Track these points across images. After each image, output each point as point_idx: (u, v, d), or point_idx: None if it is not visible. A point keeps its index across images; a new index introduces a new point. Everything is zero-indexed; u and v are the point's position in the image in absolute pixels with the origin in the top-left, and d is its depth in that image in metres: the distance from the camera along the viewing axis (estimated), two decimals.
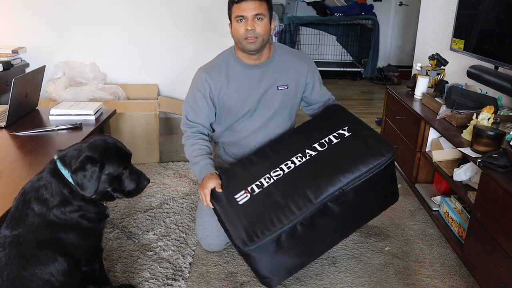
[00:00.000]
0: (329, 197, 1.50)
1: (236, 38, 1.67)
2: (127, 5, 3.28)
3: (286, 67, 1.77)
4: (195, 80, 1.80)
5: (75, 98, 2.92)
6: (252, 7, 1.61)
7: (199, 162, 1.74)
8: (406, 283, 1.84)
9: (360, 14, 5.65)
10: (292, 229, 1.49)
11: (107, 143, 1.38)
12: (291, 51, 1.84)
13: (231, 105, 1.77)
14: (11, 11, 3.19)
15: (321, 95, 1.94)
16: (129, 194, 1.43)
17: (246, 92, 1.75)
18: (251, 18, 1.61)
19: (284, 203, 1.51)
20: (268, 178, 1.61)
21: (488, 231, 1.56)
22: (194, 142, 1.79)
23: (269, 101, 1.77)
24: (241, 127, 1.83)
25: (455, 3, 2.47)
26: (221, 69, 1.75)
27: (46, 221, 1.29)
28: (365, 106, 4.66)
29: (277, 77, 1.76)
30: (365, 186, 1.55)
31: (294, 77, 1.79)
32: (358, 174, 1.52)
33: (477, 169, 1.73)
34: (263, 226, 1.49)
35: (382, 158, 1.54)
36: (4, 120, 1.97)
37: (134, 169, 1.44)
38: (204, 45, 3.40)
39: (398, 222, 2.31)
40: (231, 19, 1.68)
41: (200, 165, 1.73)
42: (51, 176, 1.32)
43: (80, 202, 1.34)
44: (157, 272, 1.87)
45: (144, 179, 1.45)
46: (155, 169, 2.86)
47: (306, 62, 1.83)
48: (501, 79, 2.01)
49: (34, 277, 1.24)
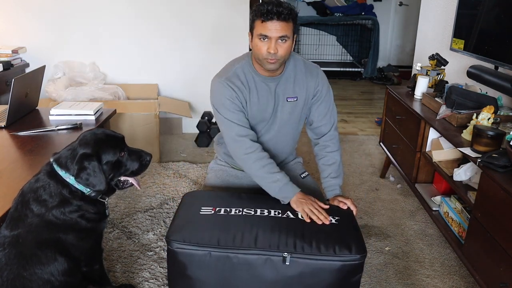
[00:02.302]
0: (273, 253, 1.37)
1: (256, 54, 1.59)
2: (127, 5, 3.28)
3: (297, 80, 1.71)
4: (219, 90, 1.66)
5: (75, 98, 2.92)
6: (279, 28, 1.52)
7: (278, 179, 1.61)
8: (406, 283, 1.84)
9: (360, 14, 5.66)
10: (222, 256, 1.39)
11: (96, 134, 1.39)
12: (304, 63, 1.75)
13: (250, 116, 1.71)
14: (11, 11, 3.20)
15: (322, 118, 1.78)
16: (136, 173, 1.46)
17: (264, 104, 1.70)
18: (274, 40, 1.52)
19: (234, 231, 1.43)
20: (239, 211, 1.54)
21: (488, 231, 1.56)
22: (260, 156, 1.64)
23: (279, 112, 1.73)
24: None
25: (455, 3, 2.47)
26: (241, 79, 1.66)
27: (45, 221, 1.29)
28: (365, 106, 4.66)
29: (288, 88, 1.71)
30: (311, 271, 1.39)
31: (304, 89, 1.72)
32: (314, 252, 1.37)
33: (477, 169, 1.73)
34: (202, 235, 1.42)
35: (348, 253, 1.37)
36: (4, 120, 1.97)
37: (132, 149, 1.46)
38: (204, 45, 3.40)
39: (398, 222, 2.31)
40: (252, 32, 1.58)
41: (283, 182, 1.61)
42: (49, 177, 1.33)
43: (79, 202, 1.34)
44: (157, 272, 1.87)
45: (146, 155, 1.47)
46: (155, 169, 2.86)
47: (317, 77, 1.74)
48: (501, 79, 2.01)
49: (34, 277, 1.24)
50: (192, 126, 3.53)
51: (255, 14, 1.55)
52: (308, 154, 3.17)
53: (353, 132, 3.78)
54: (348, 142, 3.48)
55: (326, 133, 1.80)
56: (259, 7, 1.55)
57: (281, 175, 1.62)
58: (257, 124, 1.75)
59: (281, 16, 1.51)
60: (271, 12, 1.51)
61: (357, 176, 2.87)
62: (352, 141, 3.51)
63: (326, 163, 1.79)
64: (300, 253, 1.37)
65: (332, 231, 1.47)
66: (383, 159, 2.95)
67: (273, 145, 1.80)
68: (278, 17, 1.51)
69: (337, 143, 1.82)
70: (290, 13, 1.54)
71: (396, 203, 2.52)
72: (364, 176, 2.88)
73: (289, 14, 1.53)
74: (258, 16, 1.54)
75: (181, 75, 3.48)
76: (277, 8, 1.51)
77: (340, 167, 1.80)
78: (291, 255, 1.36)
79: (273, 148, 1.81)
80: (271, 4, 1.53)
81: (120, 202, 2.43)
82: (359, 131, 3.80)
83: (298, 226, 1.47)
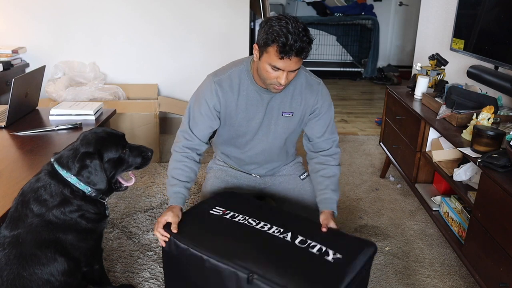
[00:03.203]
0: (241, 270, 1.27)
1: (262, 76, 1.51)
2: (127, 5, 3.28)
3: (295, 94, 1.64)
4: (204, 88, 1.66)
5: (75, 98, 2.92)
6: (293, 66, 1.43)
7: (173, 185, 1.61)
8: (406, 283, 1.84)
9: (360, 14, 5.66)
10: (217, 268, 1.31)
11: (97, 133, 1.41)
12: (306, 78, 1.66)
13: (236, 122, 1.68)
14: (11, 11, 3.20)
15: (321, 135, 1.71)
16: (139, 168, 1.50)
17: (252, 113, 1.65)
18: (287, 72, 1.45)
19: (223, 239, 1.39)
20: (244, 218, 1.50)
21: (488, 231, 1.56)
22: (181, 159, 1.64)
23: (273, 126, 1.68)
24: (241, 144, 1.76)
25: (455, 3, 2.47)
26: (233, 84, 1.62)
27: (45, 221, 1.29)
28: (365, 106, 4.66)
29: (285, 102, 1.65)
30: None
31: (301, 105, 1.66)
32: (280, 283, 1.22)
33: (477, 169, 1.73)
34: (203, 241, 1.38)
35: None
36: (4, 120, 1.97)
37: (134, 146, 1.48)
38: (204, 45, 3.40)
39: (398, 222, 2.31)
40: (262, 50, 1.45)
41: (172, 190, 1.60)
42: (50, 177, 1.33)
43: (80, 201, 1.34)
44: (157, 272, 1.87)
45: (147, 150, 1.50)
46: (155, 169, 2.86)
47: (317, 94, 1.66)
48: (501, 79, 2.01)
49: (33, 277, 1.25)
50: None
51: (273, 40, 1.39)
52: None
53: (353, 132, 3.78)
54: (348, 142, 3.48)
55: (327, 149, 1.72)
56: (279, 35, 1.38)
57: (176, 183, 1.61)
58: (240, 129, 1.70)
59: (302, 54, 1.41)
60: (293, 49, 1.38)
61: (357, 176, 2.87)
62: (352, 141, 3.51)
63: (325, 175, 1.68)
64: (266, 279, 1.23)
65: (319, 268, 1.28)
66: (383, 159, 2.95)
67: (268, 155, 1.78)
68: (299, 54, 1.40)
69: (338, 159, 1.73)
70: (309, 47, 1.42)
71: (396, 203, 2.52)
72: (364, 176, 2.88)
73: (308, 48, 1.41)
74: (276, 45, 1.39)
75: (181, 75, 3.48)
76: (301, 43, 1.38)
77: (338, 183, 1.70)
78: (256, 278, 1.24)
79: (268, 156, 1.79)
80: (295, 38, 1.37)
81: (120, 202, 2.43)
82: (359, 131, 3.80)
83: (287, 252, 1.36)
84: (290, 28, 1.38)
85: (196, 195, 2.53)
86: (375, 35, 5.53)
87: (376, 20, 5.57)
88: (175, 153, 1.67)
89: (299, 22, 1.41)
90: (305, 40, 1.39)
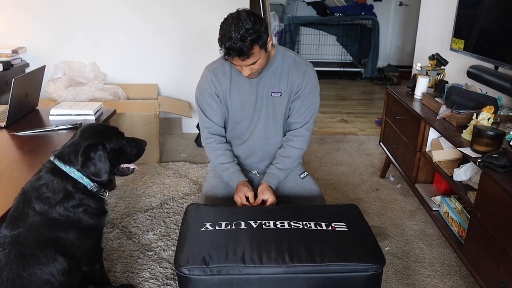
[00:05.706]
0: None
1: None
2: (127, 5, 3.28)
3: (282, 74, 1.70)
4: (203, 79, 1.77)
5: (75, 98, 2.92)
6: (247, 61, 1.53)
7: (226, 170, 1.76)
8: (406, 283, 1.84)
9: (360, 14, 5.66)
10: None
11: (94, 127, 1.45)
12: (294, 59, 1.72)
13: (232, 107, 1.75)
14: (11, 11, 3.19)
15: (298, 116, 1.75)
16: (135, 159, 1.56)
17: (245, 96, 1.73)
18: (246, 68, 1.57)
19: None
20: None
21: (488, 231, 1.56)
22: (216, 147, 1.79)
23: (264, 107, 1.74)
24: (241, 132, 1.81)
25: (455, 3, 2.47)
26: (225, 70, 1.72)
27: (47, 219, 1.29)
28: (365, 106, 4.66)
29: (273, 82, 1.70)
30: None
31: (288, 85, 1.71)
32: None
33: (477, 169, 1.73)
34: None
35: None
36: (4, 120, 1.97)
37: (130, 138, 1.54)
38: (204, 45, 3.39)
39: (398, 222, 2.31)
40: None
41: (229, 172, 1.76)
42: (52, 175, 1.33)
43: (81, 195, 1.35)
44: (157, 272, 1.87)
45: (142, 142, 1.58)
46: (155, 169, 2.86)
47: (304, 74, 1.70)
48: (501, 79, 2.01)
49: (33, 277, 1.24)
50: (192, 126, 3.53)
51: (220, 43, 1.52)
52: (308, 154, 3.17)
53: (353, 132, 3.78)
54: (348, 142, 3.48)
55: (296, 128, 1.78)
56: (222, 39, 1.50)
57: (229, 166, 1.76)
58: (236, 115, 1.77)
59: (244, 55, 1.49)
60: (234, 51, 1.48)
61: (357, 176, 2.87)
62: (352, 141, 3.51)
63: (282, 154, 1.79)
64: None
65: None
66: (383, 159, 2.95)
67: (266, 143, 1.81)
68: (241, 55, 1.49)
69: (303, 142, 1.79)
70: (252, 46, 1.47)
71: (396, 203, 2.52)
72: (364, 176, 2.88)
73: (250, 47, 1.47)
74: (222, 47, 1.51)
75: (181, 75, 3.48)
76: (239, 44, 1.45)
77: (292, 165, 1.79)
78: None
79: (266, 143, 1.81)
80: (231, 40, 1.45)
81: (120, 202, 2.43)
82: (359, 131, 3.80)
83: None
84: (232, 31, 1.46)
85: (196, 195, 2.53)
86: (375, 35, 5.53)
87: (376, 20, 5.57)
88: (206, 145, 1.81)
89: (244, 21, 1.47)
90: (248, 40, 1.45)
